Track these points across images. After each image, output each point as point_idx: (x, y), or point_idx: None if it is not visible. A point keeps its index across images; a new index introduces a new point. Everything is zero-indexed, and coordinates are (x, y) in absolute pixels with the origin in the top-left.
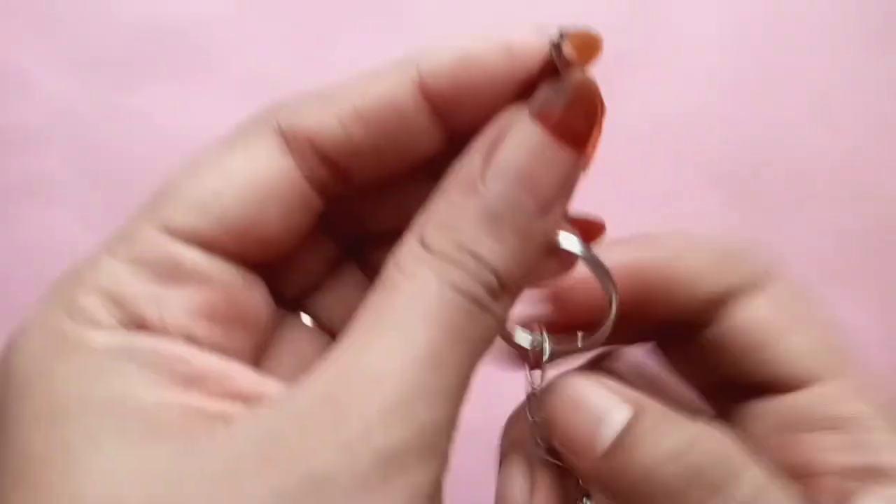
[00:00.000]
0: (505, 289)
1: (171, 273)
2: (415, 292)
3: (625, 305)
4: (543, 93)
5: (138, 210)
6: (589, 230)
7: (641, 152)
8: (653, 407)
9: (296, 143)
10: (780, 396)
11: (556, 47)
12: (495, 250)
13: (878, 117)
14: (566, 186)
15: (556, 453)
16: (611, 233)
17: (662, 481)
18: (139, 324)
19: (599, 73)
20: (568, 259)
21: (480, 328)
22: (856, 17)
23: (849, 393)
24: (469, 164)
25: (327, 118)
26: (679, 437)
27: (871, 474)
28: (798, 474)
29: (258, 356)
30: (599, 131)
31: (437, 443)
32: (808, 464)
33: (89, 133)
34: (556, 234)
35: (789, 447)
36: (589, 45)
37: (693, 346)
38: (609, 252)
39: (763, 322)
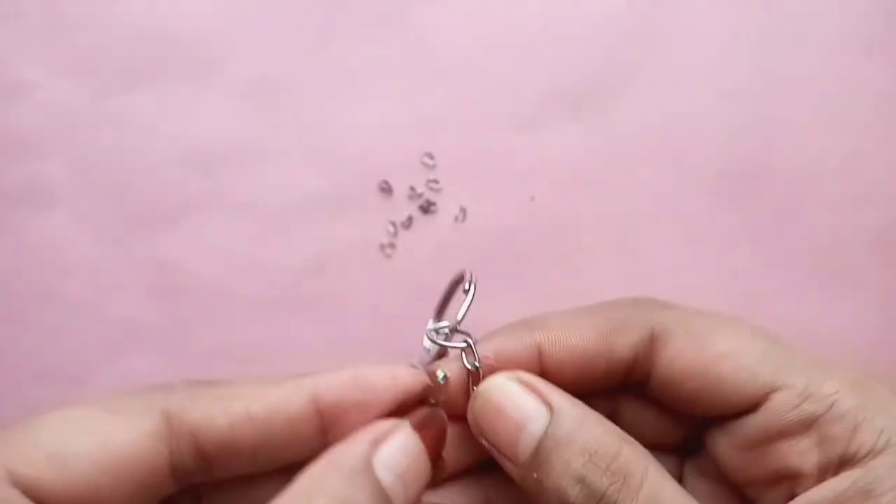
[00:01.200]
0: None
1: None
2: None
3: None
4: (423, 413)
5: None
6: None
7: (644, 156)
8: (570, 411)
9: (177, 432)
10: (745, 417)
11: (439, 384)
12: None
13: (877, 120)
14: (422, 488)
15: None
16: (614, 237)
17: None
18: None
19: (602, 79)
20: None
21: None
22: (855, 22)
23: (796, 397)
24: (354, 449)
25: (218, 414)
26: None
27: (844, 464)
28: (783, 478)
29: None
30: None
31: None
32: (788, 468)
33: (90, 138)
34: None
35: (768, 457)
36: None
37: (650, 401)
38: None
39: (683, 365)
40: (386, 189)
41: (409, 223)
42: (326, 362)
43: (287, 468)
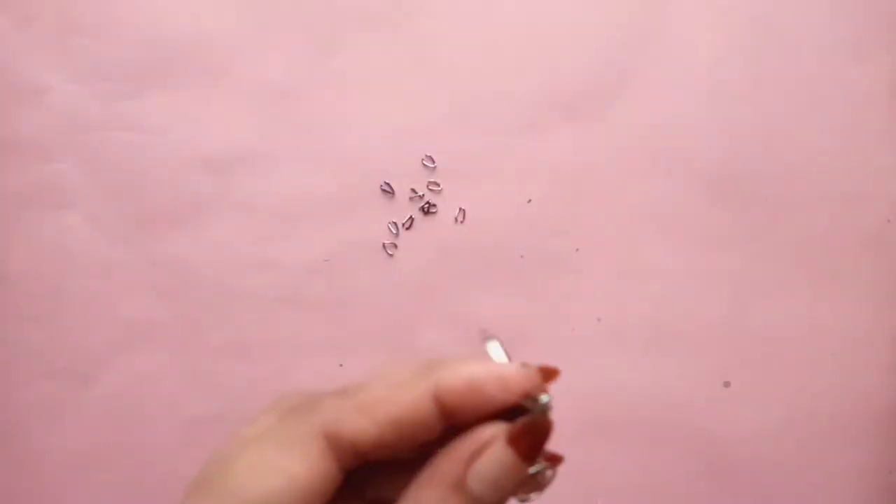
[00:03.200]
0: None
1: None
2: None
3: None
4: (519, 424)
5: (203, 493)
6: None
7: (639, 159)
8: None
9: (339, 447)
10: None
11: (535, 402)
12: None
13: (867, 122)
14: (521, 484)
15: None
16: (610, 238)
17: None
18: None
19: (599, 84)
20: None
21: None
22: (845, 26)
23: None
24: (452, 466)
25: (367, 426)
26: None
27: None
28: None
29: None
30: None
31: None
32: None
33: (102, 141)
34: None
35: None
36: (549, 376)
37: None
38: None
39: None
40: (388, 191)
41: (410, 224)
42: (330, 359)
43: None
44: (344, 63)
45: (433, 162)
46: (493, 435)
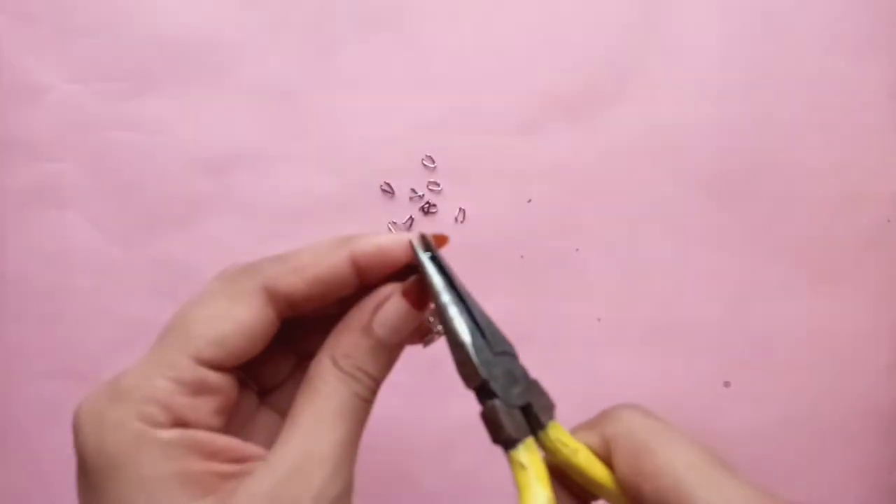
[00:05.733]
0: (378, 383)
1: (199, 388)
2: (334, 398)
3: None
4: (409, 281)
5: (168, 341)
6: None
7: (639, 158)
8: None
9: (276, 299)
10: None
11: (418, 256)
12: (377, 368)
13: (868, 122)
14: (414, 326)
15: None
16: (611, 238)
17: None
18: (182, 423)
19: (599, 84)
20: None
21: (367, 412)
22: (847, 26)
23: None
24: (361, 314)
25: (298, 282)
26: None
27: None
28: None
29: (247, 431)
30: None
31: (348, 491)
32: None
33: (102, 141)
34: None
35: None
36: (440, 241)
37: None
38: None
39: (629, 464)
40: (388, 191)
41: (410, 224)
42: None
43: (342, 300)
44: (344, 63)
45: (433, 162)
46: (392, 290)
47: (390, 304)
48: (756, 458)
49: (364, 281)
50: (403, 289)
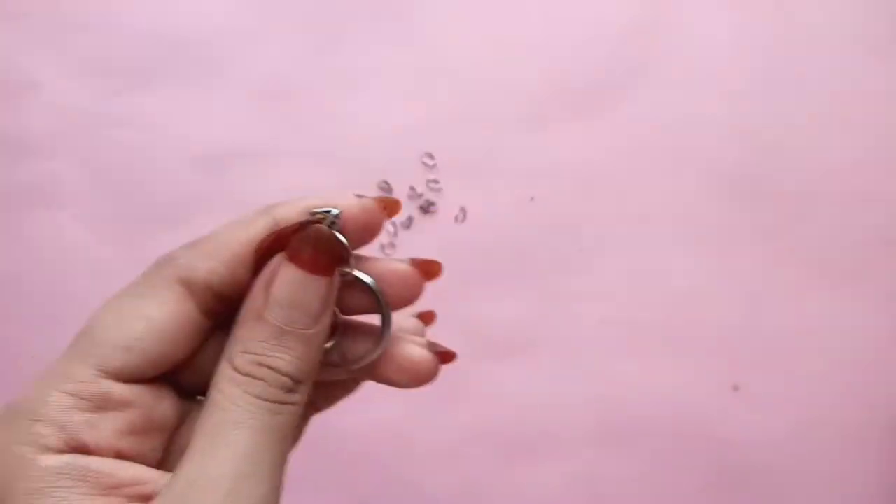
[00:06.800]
0: (299, 382)
1: (103, 404)
2: (230, 408)
3: None
4: (293, 242)
5: (72, 350)
6: (428, 270)
7: (646, 157)
8: None
9: (195, 290)
10: None
11: (326, 214)
12: (285, 359)
13: (883, 121)
14: (327, 299)
15: None
16: (615, 237)
17: None
18: (80, 446)
19: (604, 80)
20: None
21: (283, 417)
22: (863, 25)
23: None
24: (254, 300)
25: (216, 265)
26: None
27: None
28: None
29: (169, 443)
30: (346, 261)
31: None
32: None
33: (97, 138)
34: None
35: None
36: (391, 207)
37: None
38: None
39: None
40: (386, 189)
41: (408, 223)
42: None
43: None
44: (343, 60)
45: (433, 159)
46: (280, 259)
47: (280, 275)
48: (766, 462)
49: None
50: (288, 251)
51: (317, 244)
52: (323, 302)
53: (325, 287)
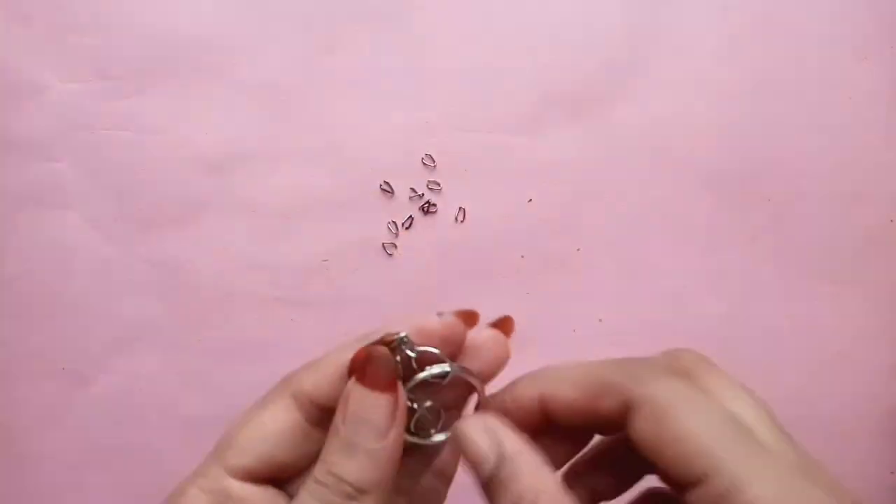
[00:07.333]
0: (362, 491)
1: (224, 500)
2: None
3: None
4: (356, 362)
5: (212, 452)
6: (467, 320)
7: (640, 158)
8: (512, 459)
9: (302, 402)
10: (691, 490)
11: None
12: (350, 468)
13: (869, 122)
14: (391, 414)
15: None
16: (611, 238)
17: None
18: None
19: (600, 83)
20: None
21: None
22: (847, 27)
23: (714, 495)
24: (336, 416)
25: (319, 380)
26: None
27: None
28: None
29: None
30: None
31: None
32: None
33: (99, 141)
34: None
35: None
36: (469, 319)
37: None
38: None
39: (641, 437)
40: (387, 190)
41: (409, 223)
42: None
43: None
44: (343, 62)
45: (433, 161)
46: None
47: (351, 393)
48: None
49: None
50: (349, 367)
51: (372, 362)
52: (387, 417)
53: (387, 403)
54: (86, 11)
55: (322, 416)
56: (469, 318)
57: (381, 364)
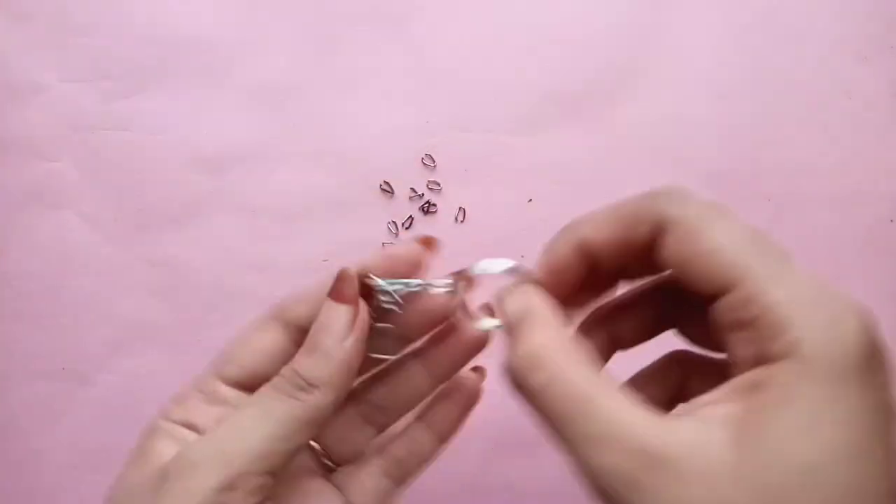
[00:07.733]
0: (312, 384)
1: (214, 400)
2: (255, 403)
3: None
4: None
5: (210, 365)
6: (427, 245)
7: (640, 158)
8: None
9: (285, 324)
10: (719, 300)
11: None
12: (306, 364)
13: (868, 120)
14: (350, 323)
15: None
16: None
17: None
18: (192, 426)
19: (600, 82)
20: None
21: (294, 409)
22: (848, 27)
23: (742, 298)
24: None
25: (300, 306)
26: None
27: (763, 360)
28: (732, 368)
29: None
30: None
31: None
32: (733, 357)
33: (99, 141)
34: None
35: (726, 345)
36: (428, 244)
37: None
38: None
39: (674, 254)
40: (387, 190)
41: (409, 224)
42: None
43: None
44: (343, 62)
45: (433, 161)
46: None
47: (322, 307)
48: None
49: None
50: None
51: (339, 279)
52: (346, 324)
53: (346, 312)
54: (86, 11)
55: (304, 338)
56: (428, 243)
57: (347, 282)
